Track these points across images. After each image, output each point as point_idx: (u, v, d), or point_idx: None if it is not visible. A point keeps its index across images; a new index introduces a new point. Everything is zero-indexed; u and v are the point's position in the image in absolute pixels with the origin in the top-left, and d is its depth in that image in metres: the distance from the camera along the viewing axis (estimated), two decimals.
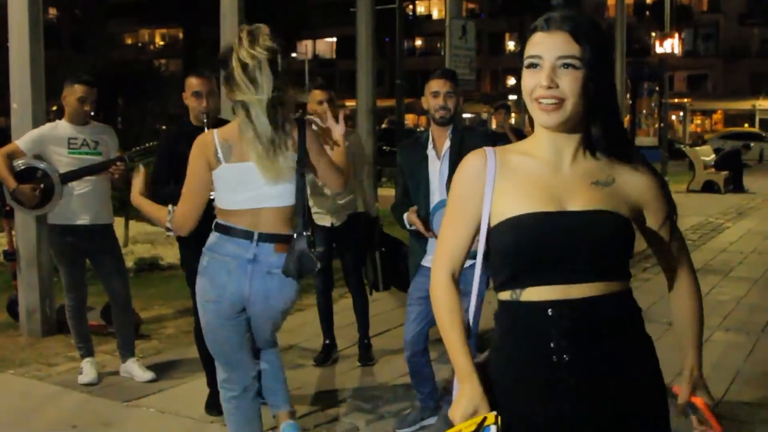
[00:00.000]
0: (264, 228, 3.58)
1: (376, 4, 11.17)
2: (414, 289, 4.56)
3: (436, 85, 4.48)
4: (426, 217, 4.37)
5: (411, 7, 60.53)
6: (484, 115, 57.59)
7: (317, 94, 5.78)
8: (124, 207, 10.85)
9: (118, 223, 10.77)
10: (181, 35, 63.96)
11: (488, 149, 2.15)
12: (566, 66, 1.99)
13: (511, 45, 62.21)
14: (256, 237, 3.56)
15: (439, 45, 55.96)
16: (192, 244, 4.80)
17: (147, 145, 5.56)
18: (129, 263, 9.50)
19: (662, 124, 27.44)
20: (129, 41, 73.85)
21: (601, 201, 2.05)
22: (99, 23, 64.31)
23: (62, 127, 5.53)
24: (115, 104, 39.25)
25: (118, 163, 5.36)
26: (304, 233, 3.62)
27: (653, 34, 27.77)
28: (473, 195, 2.12)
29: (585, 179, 2.08)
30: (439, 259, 2.26)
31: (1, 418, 5.05)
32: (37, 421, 5.03)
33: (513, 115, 54.59)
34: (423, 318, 4.54)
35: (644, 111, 37.75)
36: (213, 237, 3.65)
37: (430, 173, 4.45)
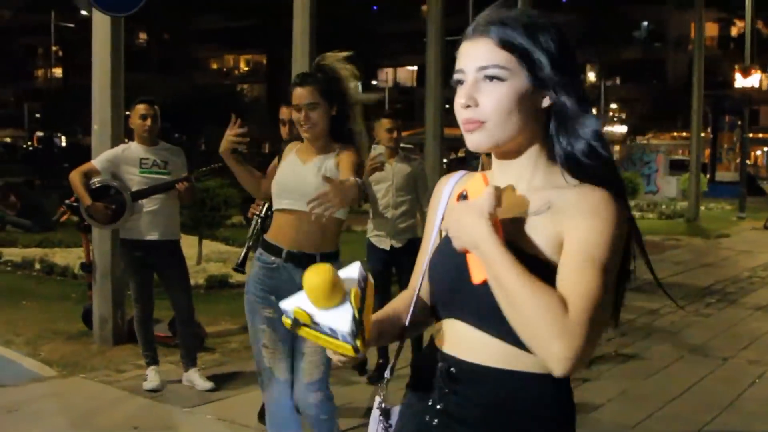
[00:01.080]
0: None
1: (449, 35, 11.40)
2: None
3: None
4: None
5: None
6: None
7: (385, 123, 6.09)
8: (197, 226, 11.32)
9: (192, 242, 11.31)
10: (264, 60, 65.31)
11: (458, 173, 1.92)
12: (489, 78, 1.65)
13: (591, 76, 61.81)
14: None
15: None
16: None
17: (213, 166, 5.86)
18: (200, 280, 9.93)
19: (743, 159, 26.95)
20: (214, 66, 75.68)
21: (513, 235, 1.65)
22: (186, 48, 66.15)
23: (134, 148, 5.90)
24: (199, 127, 40.32)
25: (185, 182, 5.68)
26: None
27: (736, 67, 27.32)
28: (431, 218, 1.93)
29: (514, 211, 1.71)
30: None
31: (70, 418, 5.39)
32: (103, 421, 5.37)
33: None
34: None
35: (725, 145, 37.02)
36: None
37: None
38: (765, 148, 53.12)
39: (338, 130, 3.87)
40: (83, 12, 51.58)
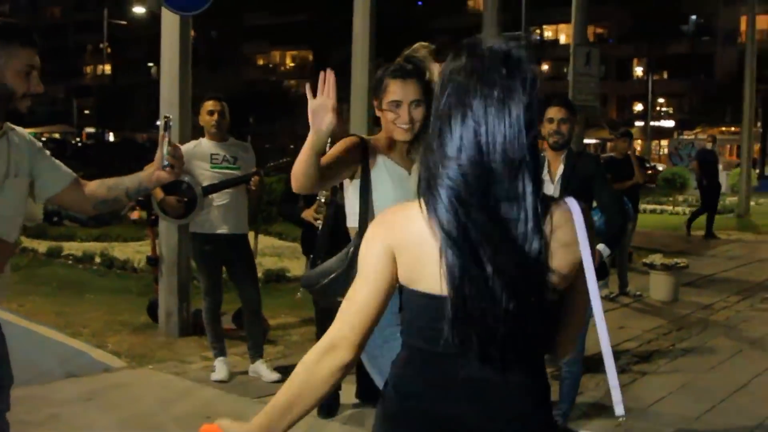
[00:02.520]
0: None
1: (503, 30, 11.42)
2: None
3: (551, 112, 4.78)
4: None
5: (538, 31, 60.44)
6: (609, 143, 56.85)
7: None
8: (254, 220, 11.50)
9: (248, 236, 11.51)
10: (310, 57, 65.66)
11: None
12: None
13: (638, 71, 61.27)
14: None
15: (565, 70, 55.57)
16: None
17: (282, 160, 6.01)
18: (258, 274, 10.10)
19: None
20: (261, 62, 76.20)
21: None
22: (233, 45, 66.80)
23: (204, 144, 6.06)
24: (246, 122, 40.73)
25: (255, 177, 5.84)
26: None
27: None
28: None
29: None
30: None
31: (143, 406, 5.58)
32: (175, 410, 5.54)
33: (639, 142, 53.43)
34: None
35: None
36: None
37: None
38: None
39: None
40: (136, 10, 52.47)
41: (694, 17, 59.14)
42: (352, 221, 3.39)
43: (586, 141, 50.97)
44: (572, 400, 4.99)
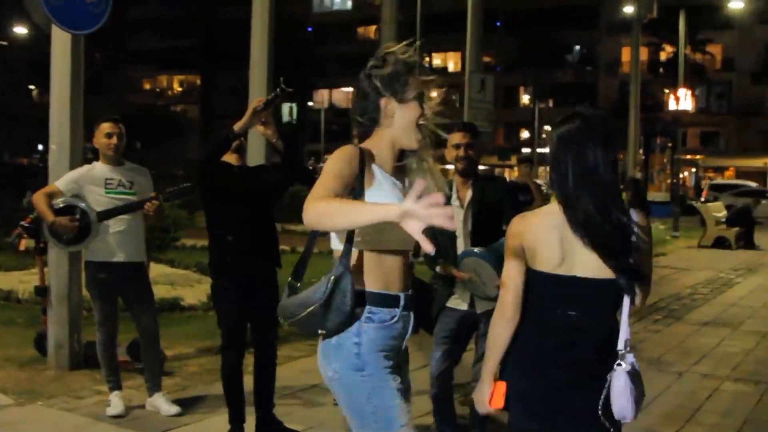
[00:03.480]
0: None
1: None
2: (440, 329, 4.79)
3: (456, 137, 4.71)
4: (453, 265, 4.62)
5: (428, 59, 61.27)
6: (498, 170, 57.95)
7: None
8: (147, 248, 11.15)
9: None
10: (198, 82, 64.85)
11: None
12: None
13: (525, 98, 62.74)
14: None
15: (454, 97, 56.53)
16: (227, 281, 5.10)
17: (182, 186, 5.80)
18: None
19: (674, 180, 27.65)
20: (147, 86, 74.81)
21: None
22: (118, 68, 65.28)
23: (99, 168, 5.81)
24: (132, 147, 39.80)
25: (153, 201, 5.61)
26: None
27: (666, 90, 28.04)
28: None
29: None
30: None
31: None
32: None
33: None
34: (449, 356, 4.77)
35: (657, 166, 37.97)
36: None
37: (456, 222, 4.68)
38: (693, 169, 54.47)
39: None
40: (17, 30, 50.65)
41: (578, 47, 61.04)
42: (336, 243, 2.91)
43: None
44: (484, 426, 4.93)
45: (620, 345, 2.88)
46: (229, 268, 5.07)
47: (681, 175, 47.86)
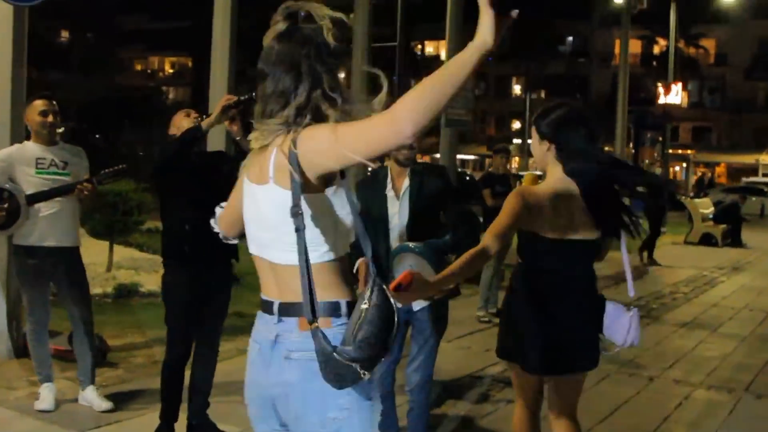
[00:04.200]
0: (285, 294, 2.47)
1: (377, 41, 11.12)
2: None
3: None
4: (386, 259, 4.25)
5: (420, 47, 60.80)
6: (488, 159, 57.59)
7: None
8: (109, 231, 10.78)
9: (103, 247, 10.77)
10: (190, 64, 64.28)
11: None
12: None
13: (517, 89, 62.37)
14: (276, 308, 2.48)
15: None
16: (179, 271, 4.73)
17: (117, 167, 5.41)
18: (108, 288, 9.43)
19: (665, 175, 27.36)
20: (138, 67, 74.15)
21: None
22: (110, 48, 64.58)
23: (30, 147, 5.43)
24: (120, 128, 39.32)
25: (85, 184, 5.23)
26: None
27: (659, 84, 27.74)
28: None
29: None
30: None
31: None
32: None
33: (517, 159, 54.55)
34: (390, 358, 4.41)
35: (647, 161, 37.65)
36: None
37: (390, 214, 4.32)
38: (684, 164, 54.22)
39: None
40: None
41: (570, 38, 60.66)
42: (323, 253, 2.45)
43: (461, 157, 51.63)
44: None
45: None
46: (186, 257, 4.70)
47: (671, 170, 47.70)
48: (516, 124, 60.40)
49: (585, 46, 59.34)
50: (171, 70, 74.17)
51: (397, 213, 4.29)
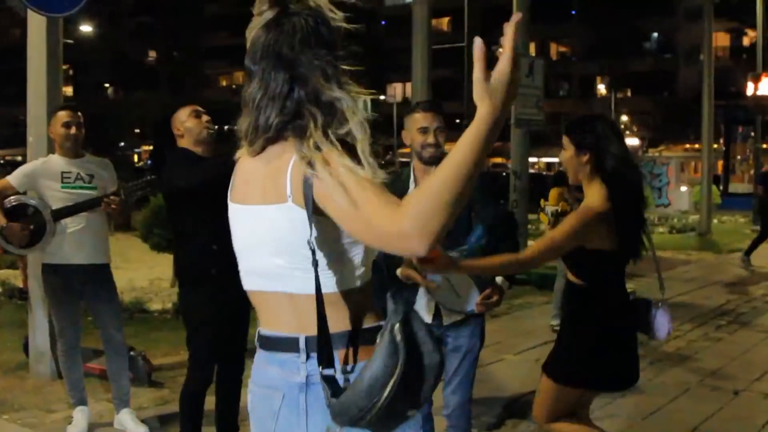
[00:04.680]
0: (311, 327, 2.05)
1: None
2: None
3: (424, 119, 3.84)
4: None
5: (495, 47, 59.99)
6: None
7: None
8: (171, 245, 10.59)
9: (167, 260, 10.58)
10: None
11: None
12: None
13: (602, 88, 61.03)
14: (303, 344, 2.09)
15: None
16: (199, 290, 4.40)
17: (146, 179, 5.13)
18: (168, 304, 9.21)
19: (757, 170, 26.10)
20: (224, 83, 75.31)
21: None
22: (195, 65, 65.66)
23: (54, 160, 5.19)
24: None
25: (112, 197, 4.95)
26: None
27: (748, 77, 26.54)
28: None
29: None
30: None
31: None
32: None
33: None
34: None
35: (739, 156, 36.16)
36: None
37: None
38: None
39: None
40: (83, 29, 51.34)
41: (656, 34, 59.10)
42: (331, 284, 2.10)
43: (547, 160, 50.66)
44: None
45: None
46: (213, 280, 4.34)
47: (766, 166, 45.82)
48: None
49: (671, 41, 57.72)
50: None
51: None
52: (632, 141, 56.97)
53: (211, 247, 4.23)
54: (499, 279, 3.76)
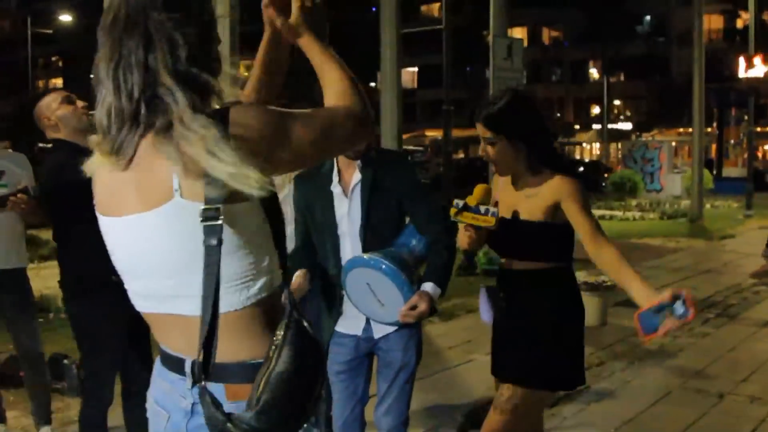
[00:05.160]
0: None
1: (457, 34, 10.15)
2: (332, 362, 3.49)
3: None
4: (337, 276, 3.34)
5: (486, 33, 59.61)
6: (568, 148, 56.03)
7: None
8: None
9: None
10: None
11: None
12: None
13: (594, 72, 60.54)
14: (189, 368, 1.80)
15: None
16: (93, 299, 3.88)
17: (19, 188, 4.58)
18: None
19: (750, 154, 25.65)
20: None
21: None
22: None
23: None
24: None
25: (20, 195, 4.43)
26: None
27: (740, 59, 26.05)
28: None
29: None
30: None
31: None
32: None
33: (597, 145, 53.13)
34: (352, 396, 3.49)
35: (732, 140, 35.76)
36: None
37: (337, 216, 3.39)
38: None
39: None
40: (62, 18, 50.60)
41: (648, 18, 58.57)
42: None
43: None
44: None
45: None
46: (112, 288, 3.81)
47: (761, 149, 45.38)
48: (595, 109, 58.66)
49: (664, 24, 57.18)
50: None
51: (347, 215, 3.36)
52: (625, 125, 56.66)
53: (106, 250, 3.71)
54: (428, 285, 3.27)
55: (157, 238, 1.71)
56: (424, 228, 3.32)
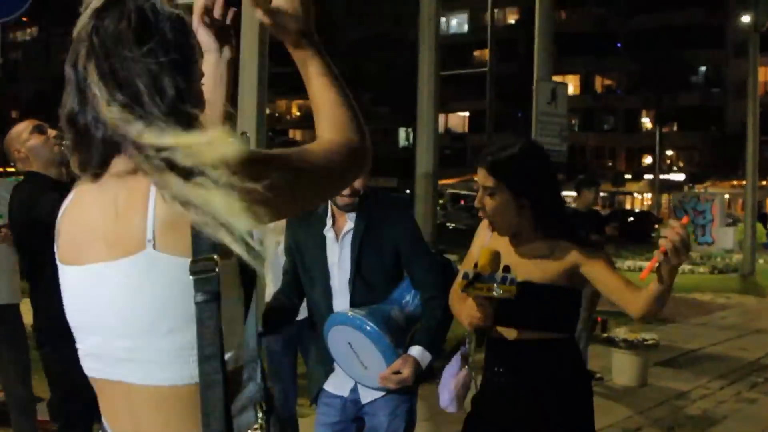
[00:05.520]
0: None
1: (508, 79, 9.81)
2: (319, 422, 3.15)
3: None
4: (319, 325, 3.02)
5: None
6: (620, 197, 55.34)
7: None
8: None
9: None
10: None
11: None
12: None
13: (647, 122, 59.87)
14: None
15: (573, 121, 54.32)
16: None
17: None
18: None
19: None
20: (266, 111, 75.45)
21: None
22: (236, 92, 65.61)
23: None
24: None
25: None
26: None
27: None
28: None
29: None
30: None
31: None
32: None
33: (648, 195, 51.92)
34: None
35: None
36: None
37: (329, 264, 3.06)
38: None
39: None
40: None
41: (703, 68, 57.90)
42: None
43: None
44: None
45: None
46: None
47: None
48: (647, 159, 57.91)
49: (719, 75, 56.46)
50: (298, 113, 75.34)
51: (337, 263, 3.03)
52: (678, 176, 55.80)
53: None
54: (415, 350, 2.91)
55: (126, 293, 1.43)
56: (420, 283, 2.99)
